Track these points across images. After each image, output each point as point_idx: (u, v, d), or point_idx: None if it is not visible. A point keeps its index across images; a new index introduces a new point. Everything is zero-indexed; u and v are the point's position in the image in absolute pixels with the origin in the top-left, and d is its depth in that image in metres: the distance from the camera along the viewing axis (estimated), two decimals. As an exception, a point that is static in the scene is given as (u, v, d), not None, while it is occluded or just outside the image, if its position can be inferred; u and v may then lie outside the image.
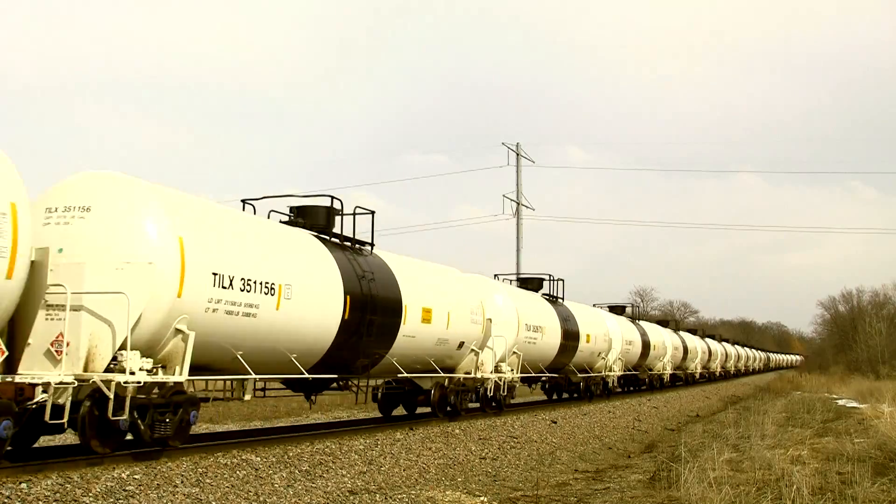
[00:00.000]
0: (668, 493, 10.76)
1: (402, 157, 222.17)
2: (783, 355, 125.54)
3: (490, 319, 18.40)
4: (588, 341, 26.35)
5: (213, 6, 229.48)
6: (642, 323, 38.22)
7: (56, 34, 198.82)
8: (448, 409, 17.54)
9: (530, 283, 25.05)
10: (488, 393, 18.73)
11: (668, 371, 39.67)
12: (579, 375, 26.42)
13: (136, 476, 8.76)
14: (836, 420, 22.43)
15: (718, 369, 57.39)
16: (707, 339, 56.08)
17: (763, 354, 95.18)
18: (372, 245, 15.37)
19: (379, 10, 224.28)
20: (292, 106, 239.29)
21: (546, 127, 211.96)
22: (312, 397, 14.75)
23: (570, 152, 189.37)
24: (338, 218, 14.50)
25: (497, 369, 18.91)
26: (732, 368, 66.93)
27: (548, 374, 24.01)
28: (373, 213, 15.37)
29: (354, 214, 15.03)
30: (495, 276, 23.27)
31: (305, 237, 13.59)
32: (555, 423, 19.37)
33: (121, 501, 8.02)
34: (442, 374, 17.02)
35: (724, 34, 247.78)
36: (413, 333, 15.46)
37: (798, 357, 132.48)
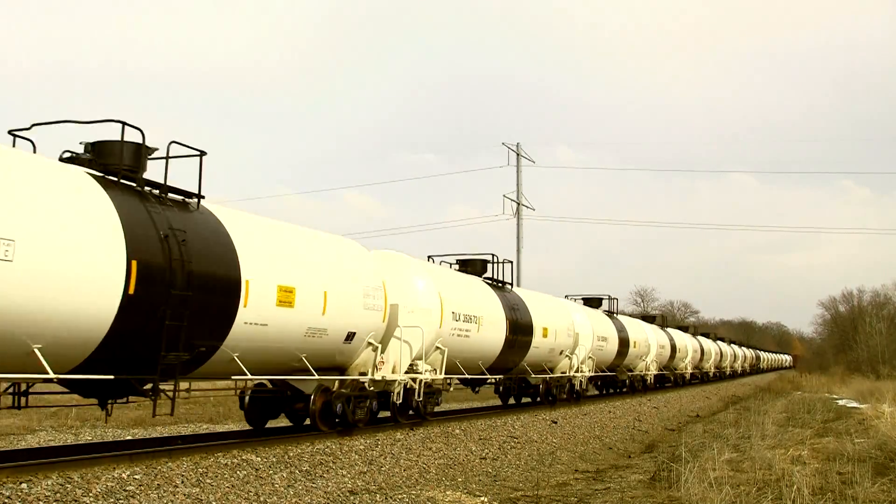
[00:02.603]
0: (669, 493, 10.76)
1: (393, 156, 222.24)
2: (774, 354, 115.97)
3: (395, 304, 15.16)
4: (546, 335, 22.39)
5: (207, 4, 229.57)
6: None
7: (55, 30, 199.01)
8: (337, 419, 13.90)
9: (470, 266, 21.04)
10: (397, 399, 15.19)
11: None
12: (535, 377, 22.97)
13: (136, 476, 8.75)
14: (837, 420, 22.44)
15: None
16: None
17: (751, 353, 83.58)
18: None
19: (374, 10, 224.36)
20: (289, 105, 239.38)
21: (537, 127, 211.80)
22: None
23: (560, 152, 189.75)
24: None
25: (411, 369, 15.59)
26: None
27: (492, 376, 20.36)
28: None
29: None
30: (429, 257, 19.57)
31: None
32: (555, 423, 19.38)
33: (121, 501, 8.01)
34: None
35: (718, 35, 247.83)
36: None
37: (787, 356, 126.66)
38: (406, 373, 15.19)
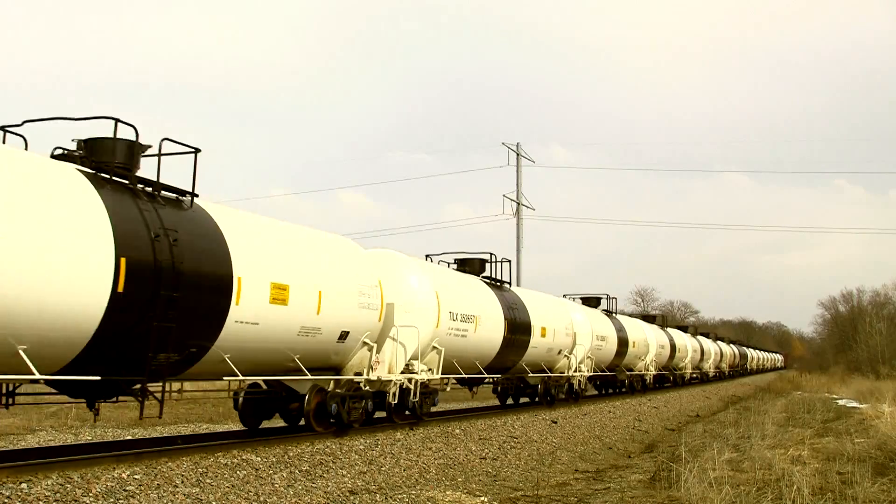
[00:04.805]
0: (669, 493, 10.76)
1: (389, 157, 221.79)
2: (766, 353, 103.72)
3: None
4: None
5: (203, 5, 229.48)
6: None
7: (54, 31, 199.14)
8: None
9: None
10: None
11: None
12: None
13: (136, 476, 8.76)
14: (837, 420, 22.45)
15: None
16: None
17: (731, 350, 67.59)
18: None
19: (372, 11, 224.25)
20: (287, 106, 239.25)
21: (533, 127, 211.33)
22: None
23: (555, 152, 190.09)
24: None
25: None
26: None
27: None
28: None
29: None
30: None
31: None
32: (555, 423, 19.38)
33: (121, 501, 8.01)
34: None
35: (715, 36, 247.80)
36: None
37: (778, 356, 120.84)
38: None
